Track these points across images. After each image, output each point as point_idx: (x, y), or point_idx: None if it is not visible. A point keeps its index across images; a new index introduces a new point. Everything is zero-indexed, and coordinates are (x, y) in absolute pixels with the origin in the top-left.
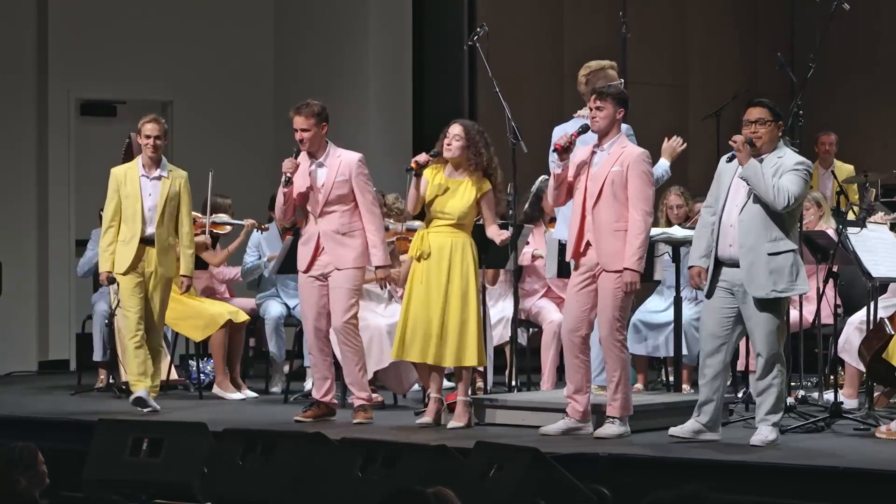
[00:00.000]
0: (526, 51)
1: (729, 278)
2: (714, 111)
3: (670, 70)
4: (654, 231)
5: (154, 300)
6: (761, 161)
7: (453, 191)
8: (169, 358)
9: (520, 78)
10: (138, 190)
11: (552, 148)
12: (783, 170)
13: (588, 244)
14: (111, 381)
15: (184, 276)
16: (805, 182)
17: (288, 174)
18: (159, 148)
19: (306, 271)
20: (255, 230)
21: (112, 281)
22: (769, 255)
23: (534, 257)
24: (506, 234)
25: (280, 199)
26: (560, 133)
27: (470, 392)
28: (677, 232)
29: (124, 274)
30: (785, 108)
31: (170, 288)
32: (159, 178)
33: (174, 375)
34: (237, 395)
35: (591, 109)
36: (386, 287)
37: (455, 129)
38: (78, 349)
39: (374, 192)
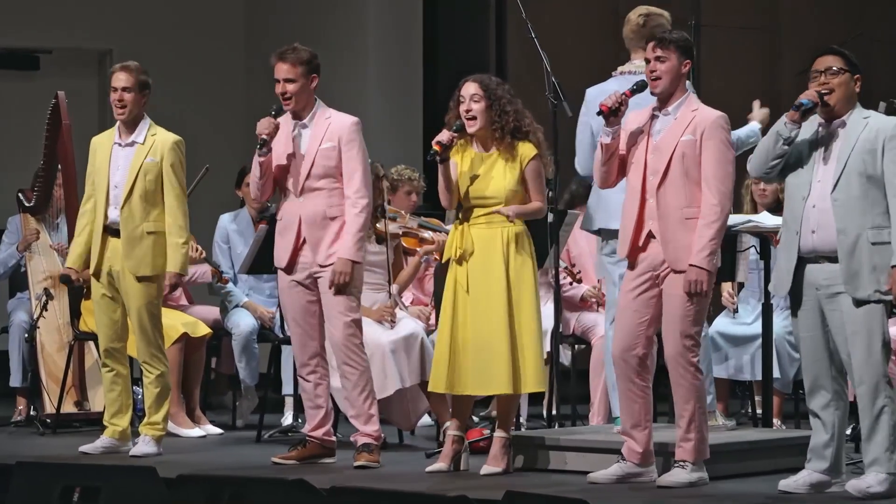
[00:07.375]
0: None
1: (812, 278)
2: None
3: (757, 8)
4: (736, 219)
5: (130, 309)
6: (844, 125)
7: (490, 168)
8: None
9: (563, 23)
10: (107, 162)
11: (597, 111)
12: (885, 134)
13: (650, 236)
14: (32, 412)
15: (169, 272)
16: None
17: (264, 136)
18: (130, 106)
19: (288, 272)
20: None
21: (67, 280)
22: (872, 244)
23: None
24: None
25: (255, 171)
26: (596, 97)
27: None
28: (766, 220)
29: (94, 276)
30: None
31: (154, 292)
32: (133, 144)
33: None
34: (195, 432)
35: (649, 62)
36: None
37: (470, 89)
38: None
39: (365, 166)
